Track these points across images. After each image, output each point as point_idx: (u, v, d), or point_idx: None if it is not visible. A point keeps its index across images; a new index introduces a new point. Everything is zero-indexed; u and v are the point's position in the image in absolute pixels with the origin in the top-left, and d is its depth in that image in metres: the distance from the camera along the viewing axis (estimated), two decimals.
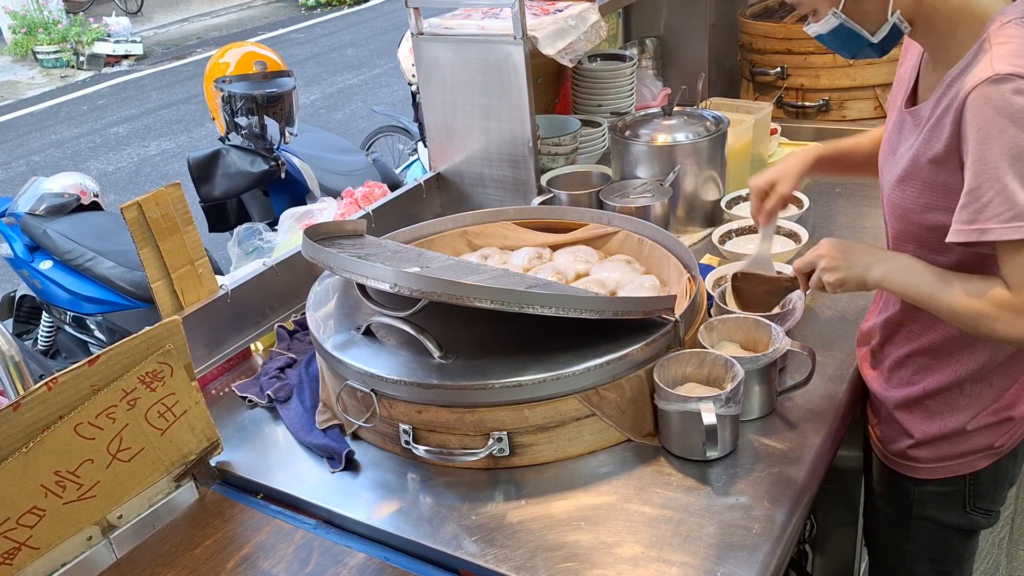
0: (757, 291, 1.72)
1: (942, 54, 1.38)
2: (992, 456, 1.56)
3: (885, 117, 2.91)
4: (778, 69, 2.99)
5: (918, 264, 1.41)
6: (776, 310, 1.73)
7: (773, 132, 2.73)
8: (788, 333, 1.61)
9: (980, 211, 1.26)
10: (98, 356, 1.37)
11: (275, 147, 3.14)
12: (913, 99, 1.48)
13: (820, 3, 1.40)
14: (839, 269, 1.46)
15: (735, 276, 1.75)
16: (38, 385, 1.31)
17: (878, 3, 1.36)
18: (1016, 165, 1.23)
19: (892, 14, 1.37)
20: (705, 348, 1.57)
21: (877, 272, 1.43)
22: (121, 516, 1.45)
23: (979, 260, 1.36)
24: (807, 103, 2.99)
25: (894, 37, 1.41)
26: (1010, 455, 1.58)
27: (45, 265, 3.19)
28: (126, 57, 11.75)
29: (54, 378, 1.32)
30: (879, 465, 1.69)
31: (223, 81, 3.05)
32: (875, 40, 1.41)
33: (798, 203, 2.31)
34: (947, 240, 1.31)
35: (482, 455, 1.50)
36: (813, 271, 1.52)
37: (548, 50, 2.18)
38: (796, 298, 1.73)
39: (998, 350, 1.47)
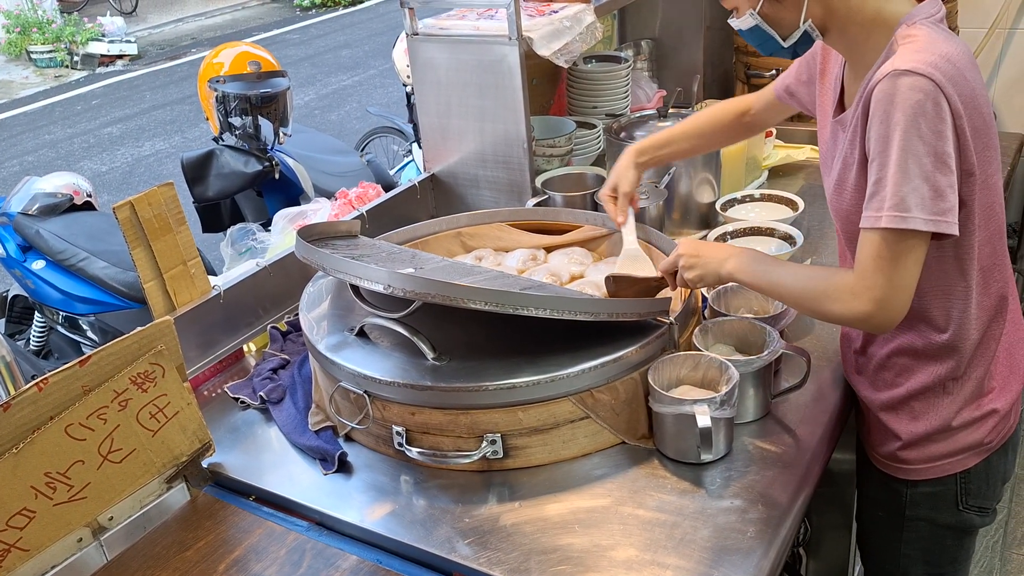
0: (630, 292, 1.72)
1: (859, 60, 1.44)
2: (982, 453, 1.56)
3: None
4: (773, 72, 2.99)
5: (767, 256, 1.53)
6: (770, 311, 1.73)
7: (768, 134, 2.72)
8: (782, 335, 1.61)
9: (875, 201, 1.32)
10: (89, 357, 1.36)
11: (269, 147, 3.13)
12: (841, 107, 1.53)
13: (741, 1, 1.47)
14: (696, 267, 1.56)
15: (607, 280, 1.74)
16: (28, 386, 1.30)
17: (792, 11, 1.43)
18: (903, 158, 1.27)
19: (804, 22, 1.43)
20: (700, 351, 1.57)
21: (729, 265, 1.51)
22: (112, 518, 1.44)
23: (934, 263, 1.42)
24: None
25: (805, 42, 1.48)
26: (1000, 451, 1.58)
27: (38, 265, 3.18)
28: (120, 57, 11.73)
29: (44, 379, 1.31)
30: (870, 468, 1.69)
31: (217, 81, 3.04)
32: (786, 45, 1.48)
33: (793, 206, 2.31)
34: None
35: (476, 457, 1.49)
36: (677, 271, 1.60)
37: (543, 51, 2.17)
38: None
39: (971, 342, 1.49)
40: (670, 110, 2.37)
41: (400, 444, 1.53)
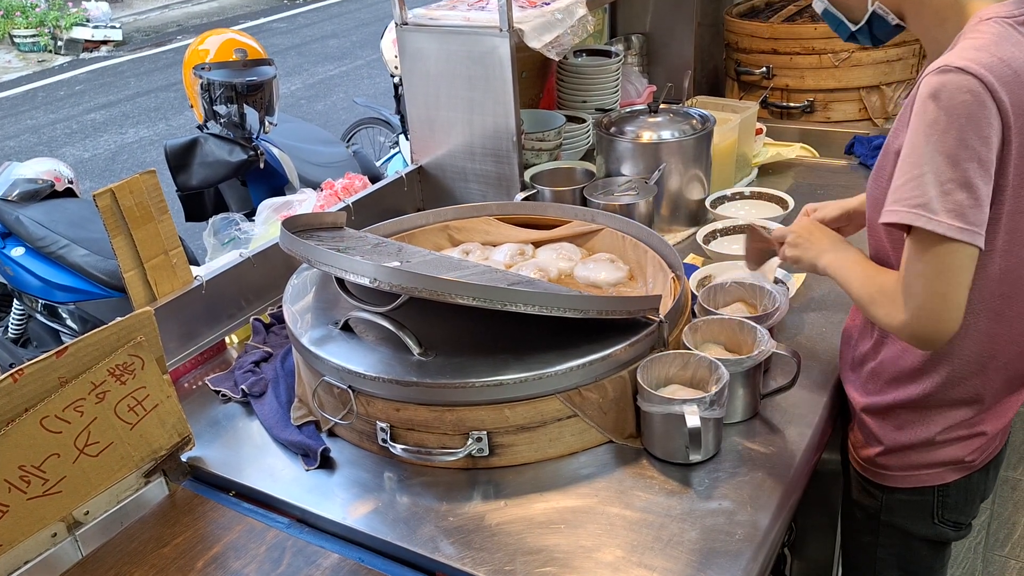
0: (754, 246, 1.76)
1: (933, 47, 1.40)
2: (962, 470, 1.53)
3: (869, 119, 2.92)
4: (763, 69, 2.98)
5: (859, 255, 1.48)
6: (759, 311, 1.72)
7: (758, 132, 2.71)
8: (772, 334, 1.59)
9: (896, 194, 1.27)
10: (66, 347, 1.33)
11: (254, 136, 3.09)
12: None
13: None
14: (799, 246, 1.58)
15: (747, 228, 1.80)
16: (3, 376, 1.26)
17: None
18: (936, 159, 1.22)
19: (872, 3, 1.42)
20: (689, 349, 1.55)
21: (827, 258, 1.51)
22: (88, 512, 1.41)
23: None
24: (792, 103, 2.98)
25: (881, 26, 1.45)
26: (982, 470, 1.55)
27: (17, 252, 3.14)
28: (105, 43, 11.61)
29: (20, 370, 1.27)
30: (851, 469, 1.68)
31: (203, 68, 2.99)
32: (853, 28, 1.47)
33: (783, 204, 2.29)
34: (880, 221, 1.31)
35: (461, 455, 1.47)
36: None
37: (534, 43, 2.15)
38: (780, 296, 1.71)
39: (962, 363, 1.44)
40: (661, 106, 2.35)
41: (384, 440, 1.51)
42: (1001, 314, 1.40)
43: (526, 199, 2.20)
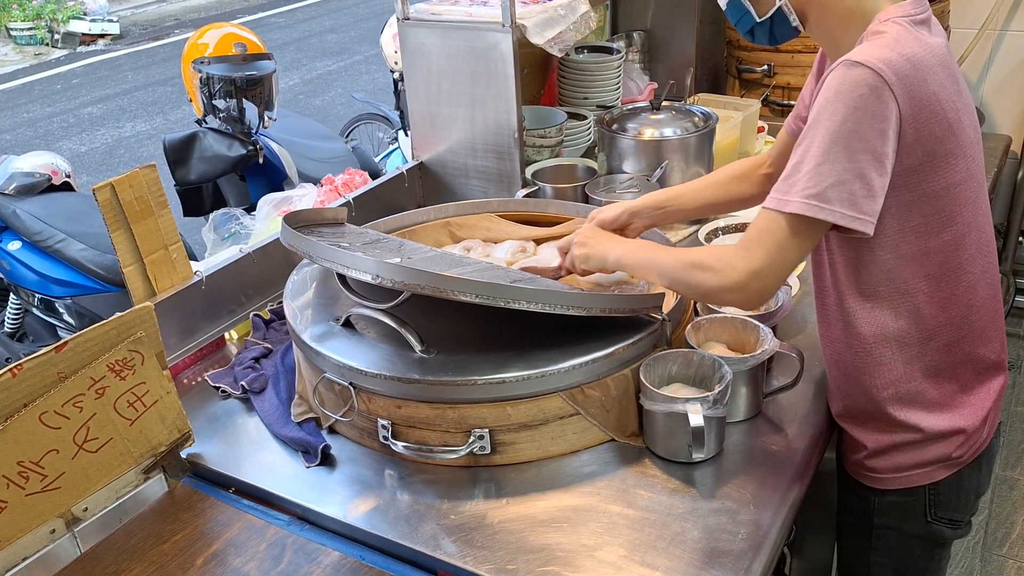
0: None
1: (835, 53, 1.42)
2: (951, 467, 1.52)
3: None
4: (764, 67, 2.98)
5: (654, 244, 1.57)
6: (762, 310, 1.71)
7: (760, 130, 2.70)
8: (774, 333, 1.59)
9: (788, 181, 1.30)
10: (66, 342, 1.32)
11: (253, 131, 3.08)
12: None
13: None
14: (585, 245, 1.63)
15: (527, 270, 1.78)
16: (1, 372, 1.25)
17: None
18: (832, 150, 1.25)
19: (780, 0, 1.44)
20: (692, 348, 1.54)
21: (619, 250, 1.57)
22: (87, 509, 1.40)
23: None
24: (793, 102, 2.97)
25: (782, 24, 1.47)
26: (972, 464, 1.54)
27: (13, 246, 3.12)
28: (102, 36, 11.56)
29: (19, 365, 1.26)
30: (843, 473, 1.67)
31: (202, 62, 2.98)
32: (759, 19, 1.49)
33: None
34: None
35: (463, 453, 1.46)
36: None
37: (537, 39, 2.14)
38: (782, 295, 1.70)
39: (900, 348, 1.44)
40: (663, 103, 2.34)
41: (385, 438, 1.50)
42: (932, 296, 1.40)
43: (527, 196, 2.20)
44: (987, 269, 1.46)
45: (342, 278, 1.59)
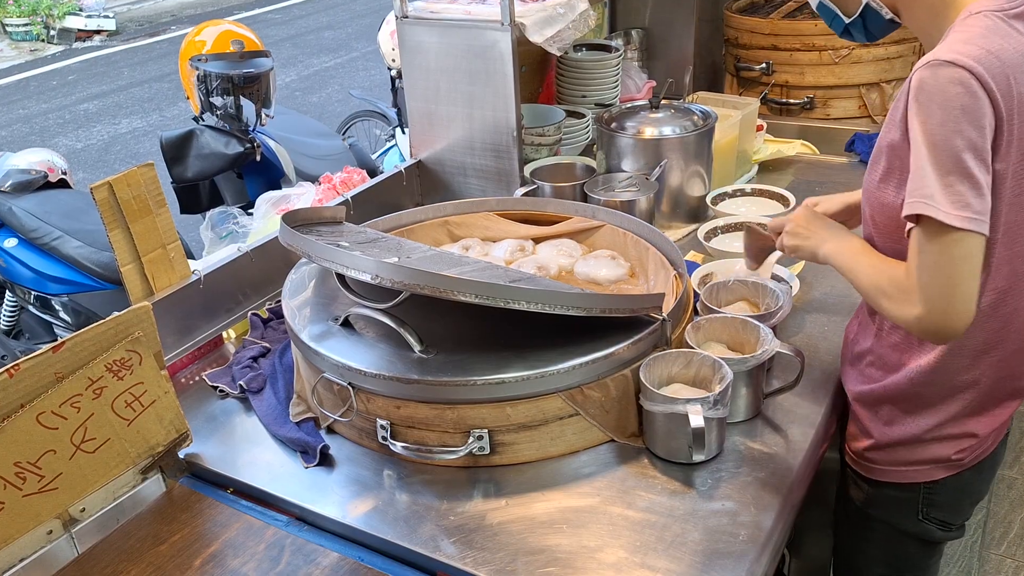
0: (753, 244, 1.77)
1: (927, 41, 1.39)
2: (951, 468, 1.52)
3: (869, 116, 2.92)
4: (763, 65, 2.97)
5: (863, 245, 1.44)
6: (762, 310, 1.71)
7: (759, 128, 2.70)
8: (775, 333, 1.58)
9: (912, 188, 1.26)
10: (63, 342, 1.31)
11: (251, 129, 3.07)
12: None
13: None
14: (798, 235, 1.56)
15: (745, 228, 1.80)
16: None
17: None
18: (934, 152, 1.22)
19: None
20: (692, 348, 1.54)
21: (828, 247, 1.49)
22: (84, 509, 1.40)
23: None
24: (791, 100, 2.97)
25: (875, 20, 1.45)
26: (974, 469, 1.53)
27: (9, 243, 3.12)
28: (98, 32, 11.52)
29: (16, 365, 1.26)
30: (843, 462, 1.67)
31: (199, 60, 2.97)
32: (847, 19, 1.47)
33: (784, 201, 2.28)
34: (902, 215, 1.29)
35: (462, 453, 1.45)
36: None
37: (536, 37, 2.13)
38: (783, 295, 1.70)
39: (959, 354, 1.42)
40: (661, 101, 2.33)
41: (384, 438, 1.49)
42: (998, 308, 1.38)
43: (526, 194, 2.19)
44: None
45: (341, 277, 1.59)
